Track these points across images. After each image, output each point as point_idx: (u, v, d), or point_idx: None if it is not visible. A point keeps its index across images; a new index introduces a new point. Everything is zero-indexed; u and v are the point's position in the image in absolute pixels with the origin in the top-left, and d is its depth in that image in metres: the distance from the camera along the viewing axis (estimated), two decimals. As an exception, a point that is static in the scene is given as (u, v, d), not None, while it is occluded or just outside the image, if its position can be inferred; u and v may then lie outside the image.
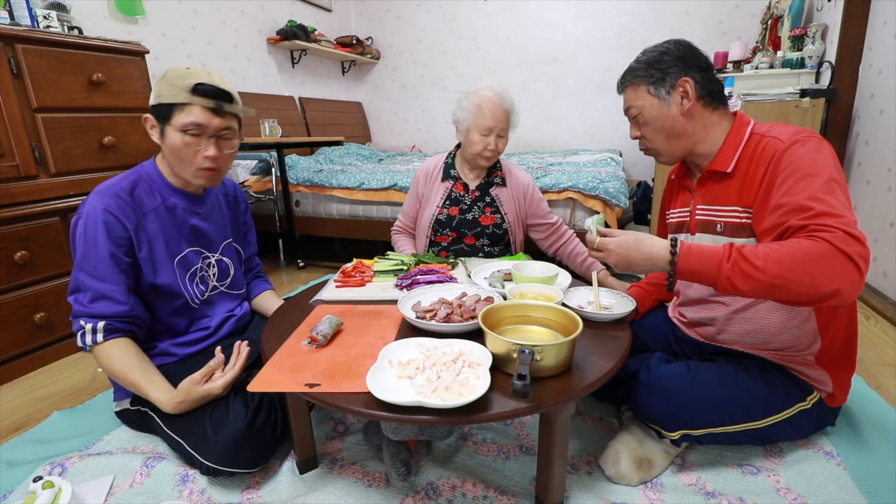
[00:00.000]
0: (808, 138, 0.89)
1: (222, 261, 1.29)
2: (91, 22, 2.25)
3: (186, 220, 1.19)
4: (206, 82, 1.06)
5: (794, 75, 2.48)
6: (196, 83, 1.05)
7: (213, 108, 1.07)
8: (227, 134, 1.12)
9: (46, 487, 0.90)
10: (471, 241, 1.67)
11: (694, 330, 1.17)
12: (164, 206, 1.15)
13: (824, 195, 0.81)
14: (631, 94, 1.05)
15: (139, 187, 1.13)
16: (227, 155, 1.15)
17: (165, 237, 1.15)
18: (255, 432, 1.02)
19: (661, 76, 1.00)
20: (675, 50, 1.00)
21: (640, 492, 1.00)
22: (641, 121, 1.05)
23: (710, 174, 1.03)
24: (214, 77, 1.09)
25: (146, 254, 1.12)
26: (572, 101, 4.08)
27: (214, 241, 1.27)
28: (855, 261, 0.74)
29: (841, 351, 1.01)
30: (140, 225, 1.10)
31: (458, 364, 0.83)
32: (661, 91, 1.00)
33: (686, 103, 0.99)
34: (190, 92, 1.05)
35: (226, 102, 1.09)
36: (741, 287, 0.79)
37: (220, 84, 1.09)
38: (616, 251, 0.93)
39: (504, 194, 1.66)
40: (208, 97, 1.06)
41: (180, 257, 1.18)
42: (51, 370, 1.63)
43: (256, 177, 2.87)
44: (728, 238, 0.98)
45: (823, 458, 1.07)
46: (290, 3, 3.70)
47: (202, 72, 1.09)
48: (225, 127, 1.11)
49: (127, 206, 1.09)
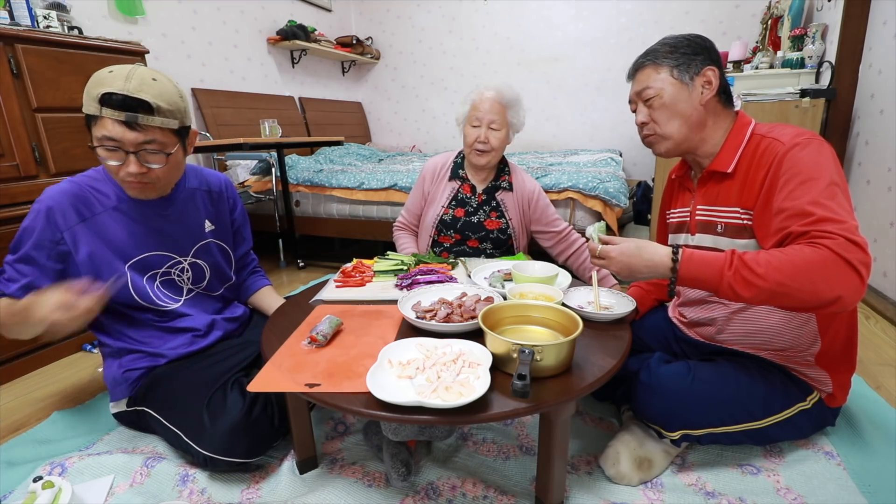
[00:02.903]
0: (809, 141, 0.89)
1: (196, 264, 1.22)
2: (91, 22, 2.25)
3: (148, 222, 1.13)
4: (116, 91, 0.92)
5: (794, 75, 2.48)
6: (104, 92, 0.92)
7: (125, 122, 0.94)
8: (150, 148, 1.00)
9: (46, 487, 0.90)
10: (474, 245, 1.66)
11: (694, 330, 1.17)
12: (119, 207, 1.09)
13: (825, 200, 0.81)
14: (650, 75, 1.01)
15: (99, 185, 1.08)
16: (160, 170, 1.04)
17: (117, 239, 1.09)
18: (253, 422, 1.02)
19: (687, 61, 0.98)
20: (699, 40, 1.00)
21: (639, 492, 1.00)
22: (657, 104, 1.00)
23: (711, 174, 1.03)
24: (133, 82, 0.94)
25: (85, 256, 1.06)
26: (572, 101, 4.08)
27: (184, 244, 1.20)
28: (856, 267, 0.74)
29: (841, 351, 1.01)
30: (82, 226, 1.05)
31: (458, 364, 0.83)
32: (685, 76, 0.98)
33: (706, 93, 0.98)
34: (98, 103, 0.93)
35: (143, 114, 0.95)
36: (743, 294, 0.80)
37: (137, 92, 0.94)
38: (618, 259, 0.93)
39: (509, 199, 1.64)
40: (117, 109, 0.93)
41: (136, 260, 1.12)
42: (51, 370, 1.63)
43: (256, 177, 2.87)
44: (729, 239, 0.99)
45: (823, 458, 1.07)
46: (290, 3, 3.70)
47: (121, 76, 0.95)
48: (145, 141, 0.98)
49: (70, 207, 1.04)
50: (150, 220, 1.14)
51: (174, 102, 1.01)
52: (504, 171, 1.66)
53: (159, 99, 0.97)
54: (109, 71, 0.96)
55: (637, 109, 1.06)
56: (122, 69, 0.97)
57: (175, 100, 1.01)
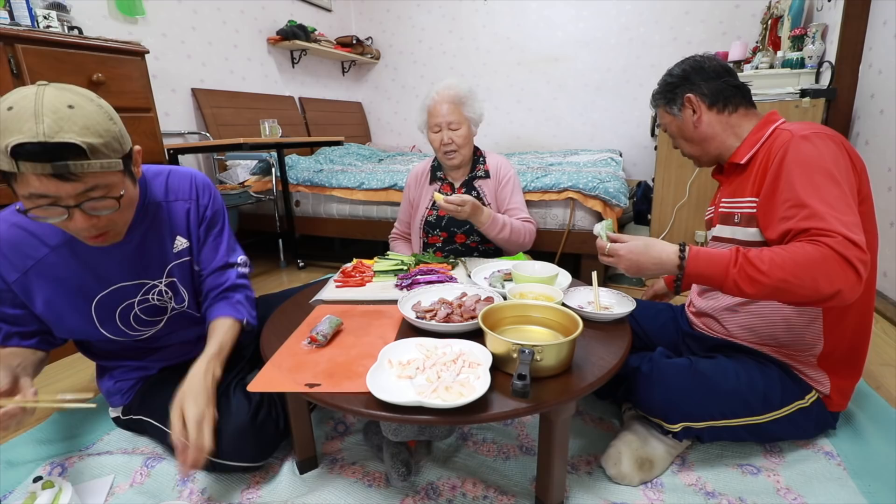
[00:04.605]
0: (816, 135, 0.91)
1: (174, 283, 1.06)
2: (91, 22, 2.25)
3: (108, 252, 0.95)
4: (28, 140, 0.69)
5: (794, 75, 2.48)
6: (14, 145, 0.69)
7: (55, 175, 0.72)
8: (95, 196, 0.79)
9: (46, 487, 0.90)
10: (462, 239, 1.69)
11: (701, 320, 1.20)
12: (68, 243, 0.92)
13: (826, 195, 0.84)
14: (660, 114, 1.18)
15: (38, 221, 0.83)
16: (114, 214, 0.84)
17: (74, 279, 0.94)
18: (258, 426, 1.01)
19: (672, 97, 1.11)
20: (679, 72, 1.11)
21: (640, 492, 1.00)
22: (670, 134, 1.18)
23: (731, 167, 1.09)
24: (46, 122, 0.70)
25: (42, 306, 0.94)
26: (572, 101, 4.07)
27: (153, 267, 1.03)
28: (854, 265, 0.78)
29: (845, 356, 1.02)
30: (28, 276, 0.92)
31: (458, 364, 0.83)
32: (674, 109, 1.12)
33: (697, 115, 1.08)
34: (10, 157, 0.70)
35: (74, 160, 0.73)
36: (747, 290, 0.83)
37: (55, 135, 0.70)
38: (627, 257, 0.95)
39: (487, 186, 1.69)
40: (39, 161, 0.70)
41: (104, 295, 0.98)
42: (51, 370, 1.63)
43: (256, 177, 2.87)
44: (743, 228, 1.02)
45: (823, 458, 1.07)
46: (290, 3, 3.70)
47: (27, 115, 0.70)
48: (87, 189, 0.77)
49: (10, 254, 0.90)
50: (110, 251, 0.95)
51: (106, 131, 0.77)
52: (479, 161, 1.71)
53: (88, 135, 0.74)
54: (8, 108, 0.70)
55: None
56: (23, 104, 0.71)
57: (106, 127, 0.78)
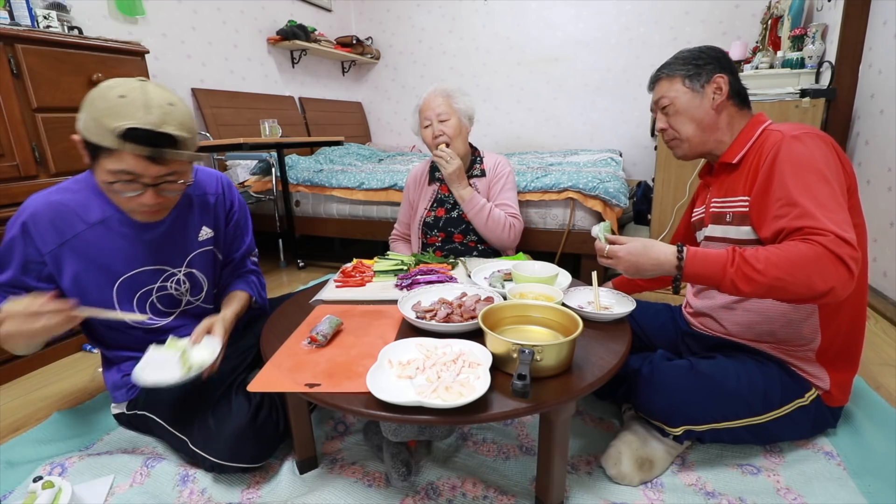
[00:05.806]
0: (807, 135, 0.93)
1: (192, 274, 1.14)
2: (91, 22, 2.25)
3: (138, 235, 1.04)
4: (140, 126, 0.84)
5: (794, 75, 2.48)
6: (127, 128, 0.83)
7: (150, 157, 0.88)
8: (170, 179, 0.94)
9: (46, 487, 0.90)
10: (459, 238, 1.69)
11: (699, 320, 1.20)
12: (105, 222, 1.01)
13: (818, 194, 0.86)
14: (665, 86, 1.10)
15: (81, 198, 0.99)
16: (171, 197, 0.99)
17: (103, 257, 1.01)
18: (258, 427, 1.02)
19: (697, 71, 1.06)
20: (710, 51, 1.08)
21: (640, 492, 1.00)
22: (672, 111, 1.09)
23: (722, 166, 1.09)
24: (154, 113, 0.86)
25: (69, 283, 1.00)
26: (572, 101, 4.07)
27: (176, 255, 1.11)
28: (846, 262, 0.80)
29: (842, 349, 1.03)
30: (63, 249, 0.98)
31: (458, 364, 0.83)
32: (696, 84, 1.06)
33: (718, 98, 1.05)
34: (119, 137, 0.84)
35: (169, 149, 0.89)
36: (744, 289, 0.85)
37: (161, 126, 0.86)
38: (626, 258, 0.96)
39: (482, 184, 1.70)
40: (143, 145, 0.86)
41: (126, 278, 1.04)
42: (51, 370, 1.63)
43: (256, 177, 2.86)
44: (736, 227, 1.02)
45: (823, 458, 1.07)
46: (290, 3, 3.70)
47: (138, 105, 0.86)
48: (168, 173, 0.93)
49: (50, 226, 0.97)
50: (140, 235, 1.05)
51: (192, 128, 0.95)
52: (476, 160, 1.72)
53: (182, 129, 0.90)
54: (121, 96, 0.85)
55: (657, 117, 1.15)
56: (133, 95, 0.86)
57: (192, 124, 0.95)
